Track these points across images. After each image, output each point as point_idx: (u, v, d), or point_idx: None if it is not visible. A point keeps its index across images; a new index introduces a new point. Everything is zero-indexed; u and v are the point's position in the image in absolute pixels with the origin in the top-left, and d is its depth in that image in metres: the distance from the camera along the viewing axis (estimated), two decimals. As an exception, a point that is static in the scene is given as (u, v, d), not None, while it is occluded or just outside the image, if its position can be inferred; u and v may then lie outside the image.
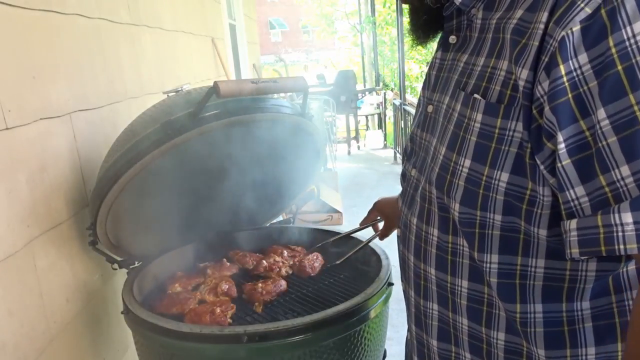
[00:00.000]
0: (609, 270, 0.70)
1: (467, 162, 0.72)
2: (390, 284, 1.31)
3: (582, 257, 0.61)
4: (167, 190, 1.56)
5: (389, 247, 1.45)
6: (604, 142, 0.57)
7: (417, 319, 0.91)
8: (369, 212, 1.44)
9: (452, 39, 0.82)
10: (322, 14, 17.32)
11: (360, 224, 1.49)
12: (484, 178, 0.70)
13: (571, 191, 0.61)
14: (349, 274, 1.52)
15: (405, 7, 0.89)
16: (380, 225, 1.48)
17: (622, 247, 0.56)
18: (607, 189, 0.58)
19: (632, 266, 0.70)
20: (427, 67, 0.94)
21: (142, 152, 1.23)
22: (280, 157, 1.54)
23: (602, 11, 0.57)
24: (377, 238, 1.49)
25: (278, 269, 1.54)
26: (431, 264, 0.83)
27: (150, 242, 1.58)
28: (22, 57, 1.26)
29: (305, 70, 14.61)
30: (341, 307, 1.17)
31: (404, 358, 1.04)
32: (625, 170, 0.56)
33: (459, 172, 0.73)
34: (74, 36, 1.54)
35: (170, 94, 1.42)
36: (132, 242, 1.52)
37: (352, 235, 1.62)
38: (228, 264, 1.59)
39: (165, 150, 1.23)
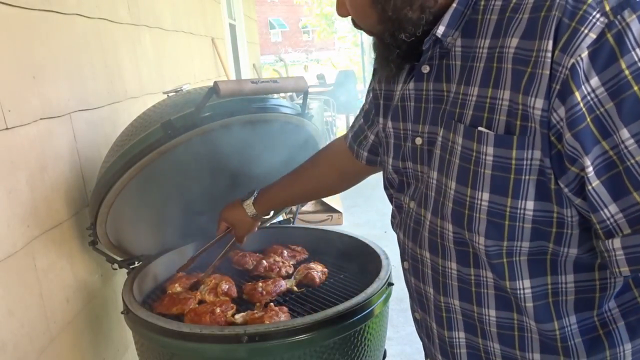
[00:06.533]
0: None
1: (486, 196, 0.73)
2: (390, 284, 1.31)
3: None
4: (167, 190, 1.56)
5: (388, 247, 1.44)
6: (632, 161, 0.60)
7: (442, 350, 0.91)
8: (218, 223, 1.46)
9: (425, 68, 0.82)
10: (322, 14, 17.34)
11: (217, 236, 1.49)
12: (508, 209, 0.71)
13: (605, 210, 0.64)
14: (349, 274, 1.52)
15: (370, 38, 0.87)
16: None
17: None
18: None
19: None
20: (393, 100, 0.92)
21: (142, 152, 1.23)
22: (280, 157, 1.54)
23: (608, 35, 0.60)
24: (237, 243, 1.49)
25: (278, 269, 1.54)
26: (454, 295, 0.84)
27: (150, 242, 1.59)
28: (22, 57, 1.26)
29: (305, 70, 14.59)
30: (341, 307, 1.17)
31: (404, 358, 1.03)
32: None
33: (478, 206, 0.74)
34: (74, 36, 1.54)
35: (170, 94, 1.42)
36: (132, 242, 1.52)
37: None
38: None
39: (165, 150, 1.23)
